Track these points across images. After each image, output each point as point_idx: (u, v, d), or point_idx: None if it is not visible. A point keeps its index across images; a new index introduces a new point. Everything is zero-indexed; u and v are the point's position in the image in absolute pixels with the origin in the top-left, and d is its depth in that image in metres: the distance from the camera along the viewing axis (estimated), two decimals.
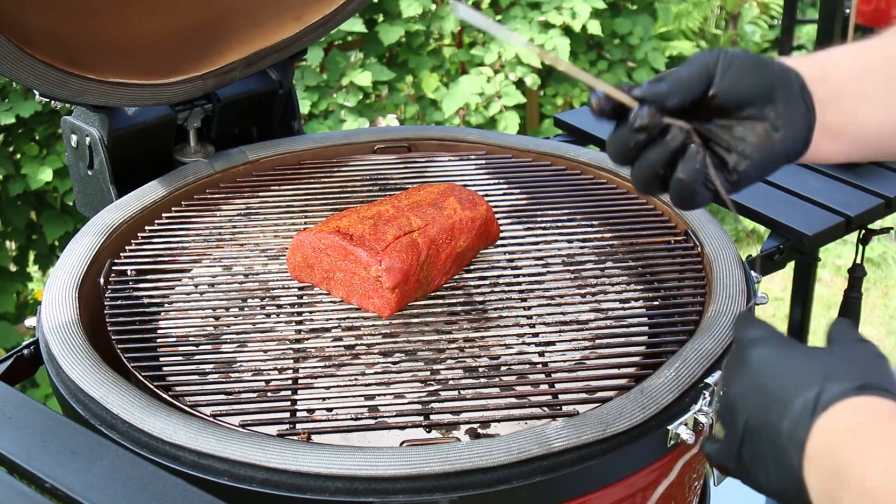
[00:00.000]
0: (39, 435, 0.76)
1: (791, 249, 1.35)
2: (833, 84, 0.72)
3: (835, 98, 0.72)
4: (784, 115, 0.70)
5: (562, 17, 2.86)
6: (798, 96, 0.71)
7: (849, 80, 0.72)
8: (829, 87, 0.72)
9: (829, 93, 0.72)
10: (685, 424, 0.88)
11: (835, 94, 0.72)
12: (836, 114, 0.72)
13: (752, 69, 0.70)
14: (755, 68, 0.71)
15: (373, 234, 1.04)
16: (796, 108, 0.70)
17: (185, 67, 1.28)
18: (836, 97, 0.72)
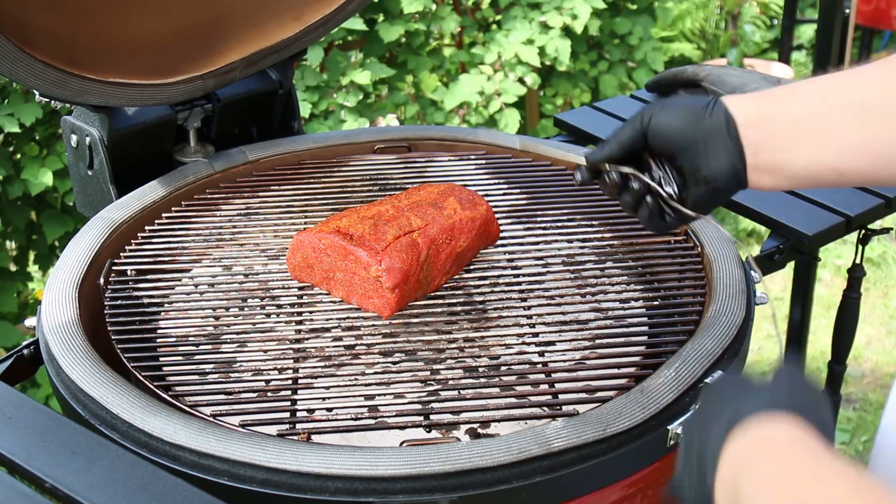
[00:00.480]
0: (39, 435, 0.77)
1: (791, 249, 1.35)
2: (769, 128, 0.78)
3: (768, 141, 0.78)
4: (708, 160, 0.80)
5: (562, 17, 2.86)
6: (727, 143, 0.79)
7: (786, 124, 0.77)
8: (763, 131, 0.78)
9: (762, 136, 0.78)
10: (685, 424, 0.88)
11: (768, 137, 0.78)
12: (767, 155, 0.78)
13: (678, 126, 0.81)
14: (683, 124, 0.81)
15: (373, 234, 1.04)
16: (721, 153, 0.79)
17: (185, 67, 1.28)
18: (769, 140, 0.78)
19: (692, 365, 0.92)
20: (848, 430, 2.55)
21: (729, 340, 0.97)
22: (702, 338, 0.96)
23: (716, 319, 0.99)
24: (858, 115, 0.75)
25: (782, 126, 0.78)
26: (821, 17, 1.90)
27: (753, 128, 0.79)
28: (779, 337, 0.81)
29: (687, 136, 0.81)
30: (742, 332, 1.00)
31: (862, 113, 0.75)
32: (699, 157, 0.81)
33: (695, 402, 0.73)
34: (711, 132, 0.80)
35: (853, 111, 0.75)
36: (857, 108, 0.75)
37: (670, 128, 0.82)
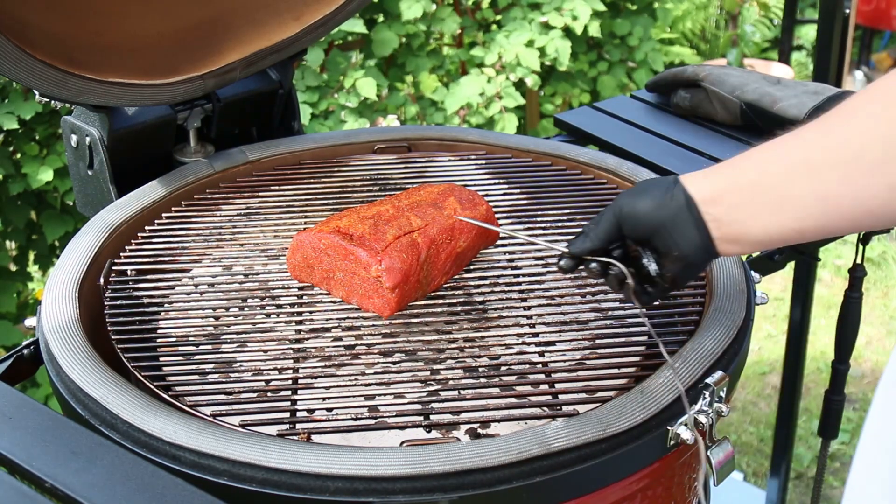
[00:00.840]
0: (39, 435, 0.76)
1: (791, 249, 1.35)
2: (726, 202, 0.83)
3: (728, 215, 0.83)
4: (677, 240, 0.86)
5: (562, 18, 2.86)
6: (691, 224, 0.85)
7: (742, 196, 0.82)
8: (722, 207, 0.83)
9: (722, 211, 0.83)
10: (685, 424, 0.88)
11: (728, 212, 0.83)
12: (728, 229, 0.84)
13: (646, 213, 0.87)
14: (650, 211, 0.87)
15: (373, 234, 1.04)
16: (688, 232, 0.85)
17: (185, 67, 1.28)
18: (729, 214, 0.83)
19: (692, 365, 0.92)
20: (848, 431, 2.56)
21: (729, 340, 0.97)
22: (702, 338, 0.96)
23: (716, 319, 0.99)
24: (806, 177, 0.78)
25: (739, 199, 0.82)
26: (821, 17, 1.90)
27: (713, 205, 0.84)
28: None
29: (655, 222, 0.87)
30: (742, 332, 1.00)
31: (809, 175, 0.77)
32: (669, 240, 0.86)
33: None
34: (675, 215, 0.85)
35: (801, 175, 0.78)
36: (804, 172, 0.78)
37: (638, 216, 0.88)
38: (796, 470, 2.43)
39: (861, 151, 0.74)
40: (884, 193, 0.73)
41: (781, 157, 0.80)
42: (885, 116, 0.73)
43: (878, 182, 0.73)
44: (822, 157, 0.76)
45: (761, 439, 2.56)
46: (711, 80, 1.53)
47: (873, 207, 0.75)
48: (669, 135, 1.54)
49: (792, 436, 2.07)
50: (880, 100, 0.74)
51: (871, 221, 0.77)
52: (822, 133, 0.77)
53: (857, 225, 0.79)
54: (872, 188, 0.74)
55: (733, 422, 2.61)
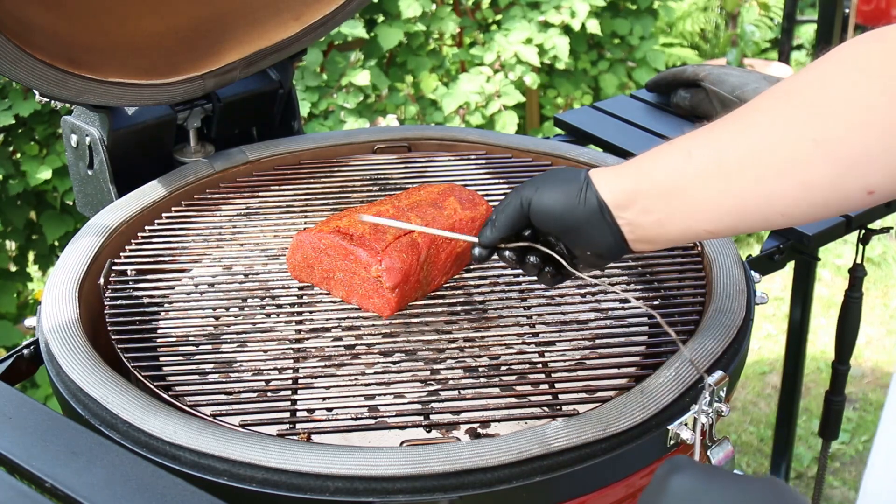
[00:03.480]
0: (39, 435, 0.76)
1: (791, 249, 1.35)
2: (639, 206, 0.82)
3: (641, 218, 0.83)
4: (590, 242, 0.86)
5: (561, 16, 2.86)
6: (604, 227, 0.84)
7: (654, 199, 0.81)
8: (635, 211, 0.83)
9: (635, 214, 0.83)
10: (685, 424, 0.88)
11: (641, 215, 0.83)
12: (642, 231, 0.84)
13: (557, 213, 0.86)
14: (561, 211, 0.86)
15: (373, 234, 1.04)
16: (602, 235, 0.85)
17: (185, 67, 1.28)
18: (642, 216, 0.83)
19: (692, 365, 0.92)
20: (848, 431, 2.56)
21: (729, 340, 0.97)
22: (702, 338, 0.96)
23: (716, 319, 0.99)
24: (717, 180, 0.78)
25: (652, 202, 0.82)
26: (821, 17, 1.90)
27: (626, 209, 0.83)
28: None
29: (566, 223, 0.86)
30: (742, 332, 1.00)
31: (719, 178, 0.77)
32: (581, 240, 0.86)
33: (651, 494, 0.69)
34: (588, 218, 0.85)
35: (713, 176, 0.78)
36: (715, 174, 0.78)
37: (549, 215, 0.87)
38: (796, 470, 2.43)
39: (771, 153, 0.74)
40: (794, 193, 0.74)
41: (694, 158, 0.79)
42: (792, 116, 0.73)
43: (788, 183, 0.74)
44: (735, 159, 0.76)
45: (761, 439, 2.56)
46: (711, 80, 1.54)
47: (783, 208, 0.76)
48: (669, 135, 1.54)
49: (792, 436, 2.07)
50: (787, 99, 0.74)
51: (783, 221, 0.78)
52: (733, 133, 0.77)
53: (767, 224, 0.79)
54: (784, 188, 0.74)
55: (733, 422, 2.61)
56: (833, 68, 0.72)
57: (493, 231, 0.91)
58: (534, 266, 0.91)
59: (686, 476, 0.67)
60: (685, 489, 0.66)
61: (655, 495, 0.68)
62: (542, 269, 0.92)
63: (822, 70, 0.73)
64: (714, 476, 0.66)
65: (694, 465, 0.68)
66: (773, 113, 0.75)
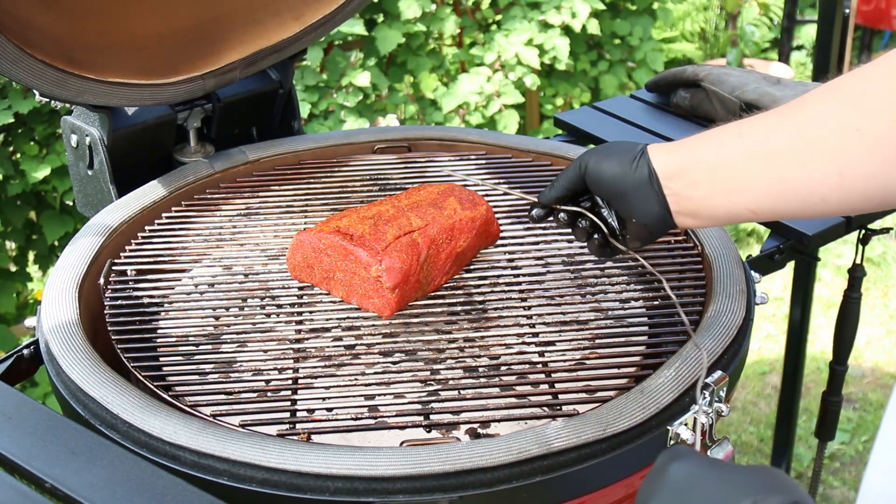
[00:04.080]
0: (39, 435, 0.76)
1: (791, 249, 1.34)
2: (687, 178, 0.87)
3: (688, 190, 0.87)
4: (637, 209, 0.91)
5: (561, 16, 2.86)
6: (651, 195, 0.89)
7: (702, 173, 0.86)
8: (682, 182, 0.87)
9: (682, 186, 0.88)
10: (685, 424, 0.88)
11: (688, 187, 0.87)
12: (687, 203, 0.88)
13: (609, 177, 0.92)
14: (613, 175, 0.91)
15: (373, 234, 1.04)
16: (648, 203, 0.90)
17: (185, 67, 1.28)
18: (689, 189, 0.87)
19: (692, 365, 0.92)
20: (848, 431, 2.56)
21: (729, 340, 0.97)
22: (702, 338, 0.96)
23: (716, 319, 0.99)
24: (763, 161, 0.81)
25: (699, 176, 0.86)
26: (821, 17, 1.90)
27: (674, 180, 0.88)
28: None
29: (617, 187, 0.92)
30: (742, 332, 1.00)
31: (765, 159, 0.81)
32: (629, 206, 0.91)
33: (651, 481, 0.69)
34: (637, 185, 0.90)
35: (759, 157, 0.82)
36: (762, 154, 0.81)
37: (602, 178, 0.93)
38: (796, 470, 2.43)
39: (816, 139, 0.77)
40: (834, 180, 0.77)
41: (742, 141, 0.83)
42: (839, 107, 0.77)
43: (829, 169, 0.77)
44: (780, 144, 0.80)
45: (761, 439, 2.56)
46: (711, 80, 1.53)
47: (824, 193, 0.78)
48: (669, 135, 1.54)
49: (792, 436, 2.07)
50: (835, 92, 0.77)
51: (822, 208, 0.80)
52: (781, 120, 0.81)
53: (808, 210, 0.81)
54: (824, 175, 0.77)
55: (733, 422, 2.61)
56: (882, 68, 0.75)
57: (551, 190, 0.97)
58: (583, 231, 0.97)
59: (685, 463, 0.68)
60: (684, 475, 0.67)
61: (655, 481, 0.68)
62: (590, 235, 0.97)
63: (871, 69, 0.76)
64: (713, 464, 0.67)
65: (693, 453, 0.69)
66: (821, 104, 0.78)
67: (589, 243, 0.98)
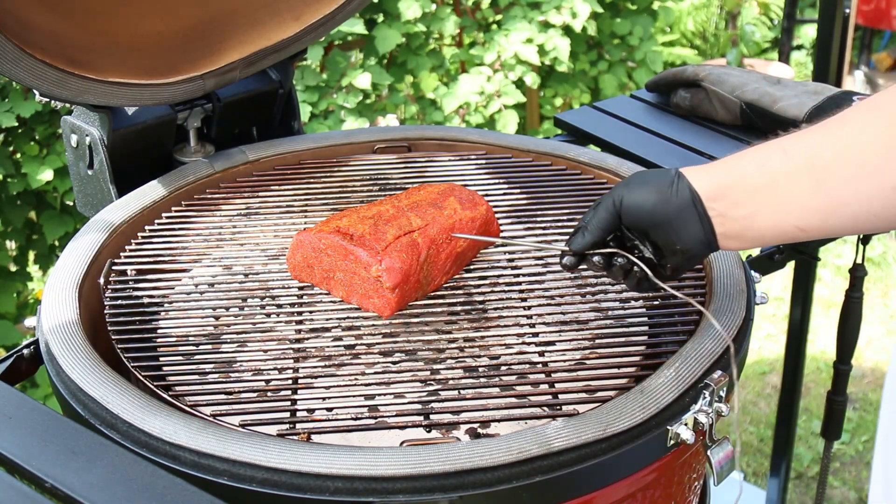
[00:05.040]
0: (39, 435, 0.76)
1: (791, 249, 1.35)
2: (731, 199, 0.85)
3: (732, 210, 0.85)
4: (681, 235, 0.87)
5: (561, 16, 2.86)
6: (695, 218, 0.86)
7: (746, 193, 0.84)
8: (726, 203, 0.85)
9: (725, 207, 0.85)
10: (685, 424, 0.88)
11: (732, 207, 0.85)
12: (732, 224, 0.85)
13: (649, 207, 0.88)
14: (653, 204, 0.87)
15: (373, 234, 1.04)
16: (692, 228, 0.86)
17: (185, 67, 1.28)
18: (733, 209, 0.85)
19: (692, 365, 0.92)
20: (848, 431, 2.56)
21: (729, 340, 0.97)
22: (702, 338, 0.96)
23: (716, 319, 0.99)
24: (809, 177, 0.80)
25: (743, 196, 0.84)
26: (821, 17, 1.90)
27: (717, 200, 0.85)
28: None
29: (657, 216, 0.87)
30: (742, 332, 1.00)
31: (812, 174, 0.80)
32: (672, 233, 0.87)
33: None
34: (680, 210, 0.86)
35: (804, 174, 0.80)
36: (807, 171, 0.80)
37: (642, 209, 0.88)
38: (796, 470, 2.43)
39: (863, 155, 0.77)
40: (886, 194, 0.76)
41: (785, 158, 0.82)
42: (882, 123, 0.76)
43: (879, 184, 0.76)
44: (827, 159, 0.79)
45: (761, 439, 2.56)
46: (711, 80, 1.53)
47: (875, 209, 0.77)
48: (669, 135, 1.54)
49: (792, 436, 2.07)
50: (875, 110, 0.77)
51: (874, 223, 0.79)
52: (825, 135, 0.80)
53: (858, 226, 0.80)
54: (874, 190, 0.76)
55: (733, 422, 2.61)
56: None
57: (586, 235, 0.91)
58: (620, 270, 0.92)
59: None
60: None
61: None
62: (628, 272, 0.92)
63: None
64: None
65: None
66: (862, 121, 0.78)
67: (627, 281, 0.93)
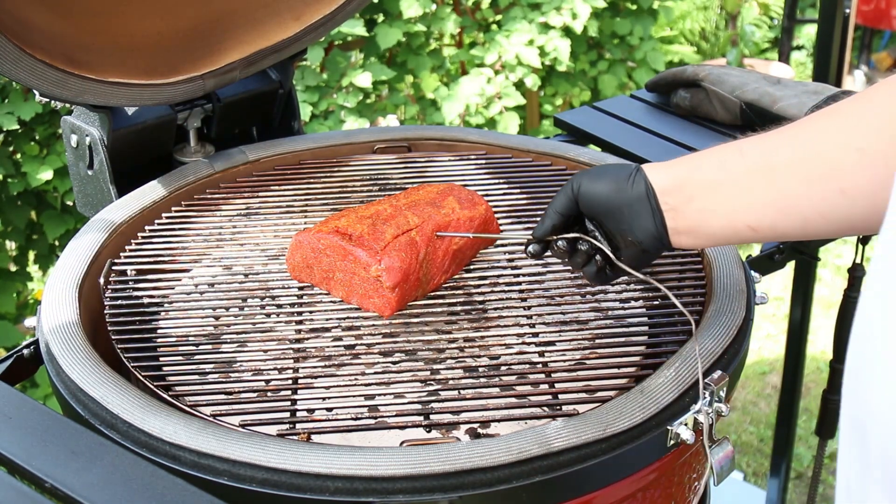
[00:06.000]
0: (39, 435, 0.76)
1: (791, 249, 1.35)
2: (685, 193, 0.86)
3: (685, 205, 0.86)
4: (633, 225, 0.89)
5: (562, 17, 2.86)
6: (648, 210, 0.87)
7: (701, 188, 0.85)
8: (680, 197, 0.86)
9: (679, 202, 0.86)
10: (685, 424, 0.88)
11: (685, 202, 0.86)
12: (684, 219, 0.87)
13: (604, 195, 0.90)
14: (608, 193, 0.90)
15: (371, 234, 1.04)
16: (644, 219, 0.88)
17: (185, 67, 1.28)
18: (686, 204, 0.86)
19: (692, 365, 0.92)
20: None
21: (729, 340, 0.97)
22: (702, 338, 0.96)
23: (716, 319, 0.99)
24: (764, 176, 0.81)
25: (698, 191, 0.85)
26: (821, 17, 1.90)
27: (671, 194, 0.87)
28: None
29: (611, 204, 0.90)
30: (742, 332, 1.00)
31: (767, 174, 0.81)
32: (624, 224, 0.89)
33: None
34: (633, 200, 0.88)
35: (760, 173, 0.82)
36: (764, 171, 0.81)
37: (598, 197, 0.91)
38: (796, 470, 2.43)
39: (818, 158, 0.78)
40: (835, 197, 0.77)
41: (743, 157, 0.83)
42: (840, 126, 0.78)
43: (830, 187, 0.77)
44: (783, 160, 0.80)
45: (761, 439, 2.56)
46: (711, 80, 1.53)
47: (824, 210, 0.79)
48: (669, 135, 1.54)
49: (792, 436, 2.07)
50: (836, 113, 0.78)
51: (823, 227, 0.80)
52: (784, 137, 0.81)
53: (808, 227, 0.81)
54: (825, 192, 0.78)
55: (733, 422, 2.61)
56: (884, 90, 0.76)
57: (544, 221, 0.95)
58: (584, 254, 0.94)
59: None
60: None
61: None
62: (591, 257, 0.94)
63: (873, 91, 0.77)
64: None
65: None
66: (822, 122, 0.79)
67: (587, 269, 0.96)
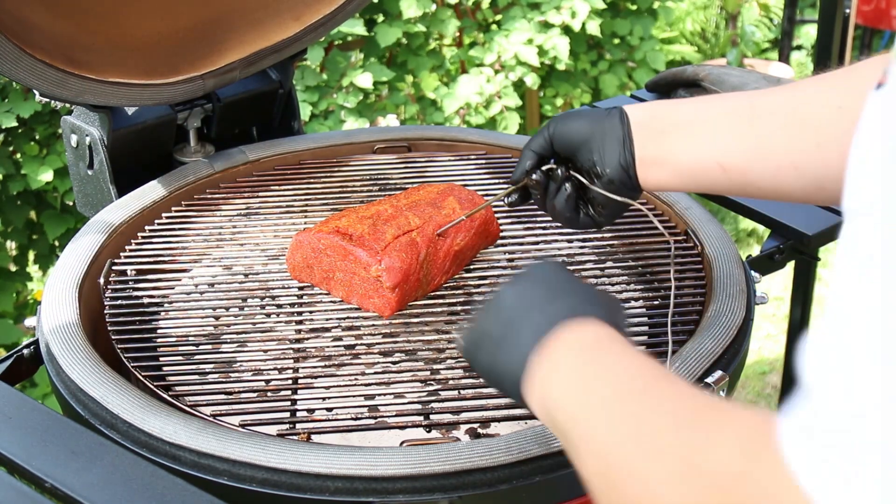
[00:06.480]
0: (39, 435, 0.76)
1: (791, 249, 1.34)
2: (658, 127, 0.87)
3: (656, 136, 0.87)
4: (603, 155, 0.90)
5: (561, 16, 2.86)
6: (618, 137, 0.89)
7: (675, 123, 0.87)
8: (652, 129, 0.88)
9: (651, 132, 0.88)
10: None
11: (657, 134, 0.87)
12: (654, 148, 0.87)
13: (578, 126, 0.91)
14: (583, 124, 0.91)
15: (372, 234, 1.04)
16: (615, 146, 0.89)
17: (185, 67, 1.28)
18: (658, 135, 0.87)
19: (692, 365, 0.92)
20: None
21: (729, 340, 0.97)
22: (702, 338, 0.96)
23: (716, 319, 0.99)
24: (745, 117, 0.83)
25: (671, 125, 0.87)
26: (821, 17, 1.90)
27: (644, 126, 0.88)
28: None
29: (584, 133, 0.91)
30: (742, 332, 1.00)
31: (749, 116, 0.82)
32: (595, 153, 0.90)
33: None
34: (607, 128, 0.89)
35: (740, 114, 0.83)
36: (744, 112, 0.83)
37: (572, 129, 0.92)
38: None
39: (799, 108, 0.80)
40: (811, 149, 0.79)
41: (724, 101, 0.86)
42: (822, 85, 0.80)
43: (808, 137, 0.79)
44: (765, 107, 0.82)
45: None
46: (711, 80, 1.53)
47: (799, 160, 0.80)
48: None
49: None
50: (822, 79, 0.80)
51: (793, 179, 0.81)
52: (766, 92, 0.84)
53: (778, 178, 0.82)
54: (803, 140, 0.79)
55: None
56: (869, 60, 0.78)
57: (521, 161, 0.96)
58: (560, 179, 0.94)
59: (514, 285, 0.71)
60: (510, 298, 0.70)
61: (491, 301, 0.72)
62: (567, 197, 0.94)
63: (859, 64, 0.79)
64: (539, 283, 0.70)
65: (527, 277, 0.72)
66: (807, 83, 0.82)
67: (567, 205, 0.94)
